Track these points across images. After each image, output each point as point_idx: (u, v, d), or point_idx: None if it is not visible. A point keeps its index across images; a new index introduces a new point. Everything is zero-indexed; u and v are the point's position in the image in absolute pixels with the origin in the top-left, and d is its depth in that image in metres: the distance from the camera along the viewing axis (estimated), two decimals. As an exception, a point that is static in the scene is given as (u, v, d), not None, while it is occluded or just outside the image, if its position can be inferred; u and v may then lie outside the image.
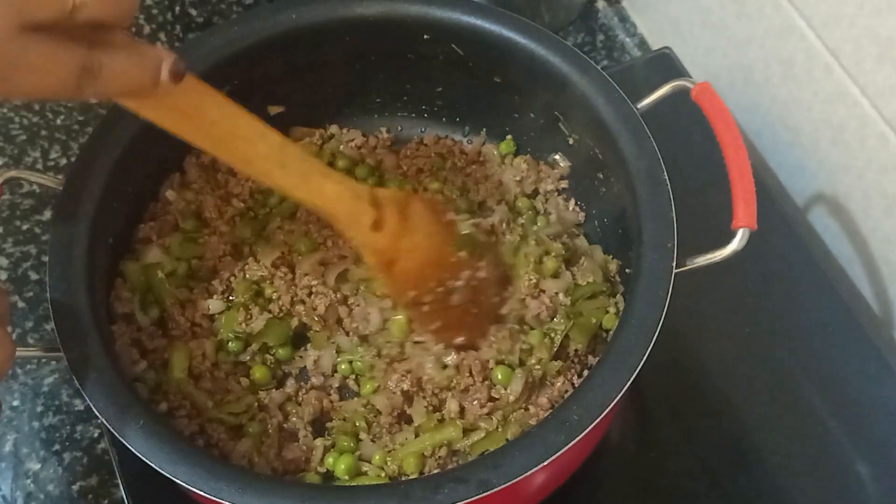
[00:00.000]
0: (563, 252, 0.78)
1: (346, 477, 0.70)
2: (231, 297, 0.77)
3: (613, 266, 0.78)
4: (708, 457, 0.80)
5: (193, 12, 1.10)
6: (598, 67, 0.75)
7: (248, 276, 0.77)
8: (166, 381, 0.72)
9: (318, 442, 0.72)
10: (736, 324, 0.87)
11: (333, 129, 0.87)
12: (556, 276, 0.76)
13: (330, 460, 0.70)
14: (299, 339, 0.77)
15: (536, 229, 0.80)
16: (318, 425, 0.74)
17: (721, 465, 0.80)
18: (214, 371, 0.74)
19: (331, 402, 0.74)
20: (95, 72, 0.47)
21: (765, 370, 0.84)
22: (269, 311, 0.75)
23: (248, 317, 0.75)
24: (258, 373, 0.74)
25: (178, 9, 1.10)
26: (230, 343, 0.75)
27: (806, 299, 0.87)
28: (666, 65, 0.99)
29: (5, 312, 0.61)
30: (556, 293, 0.75)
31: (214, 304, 0.76)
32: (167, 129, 0.56)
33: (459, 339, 0.72)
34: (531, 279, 0.75)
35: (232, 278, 0.77)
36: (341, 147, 0.85)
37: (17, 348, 0.60)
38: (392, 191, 0.67)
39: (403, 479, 0.69)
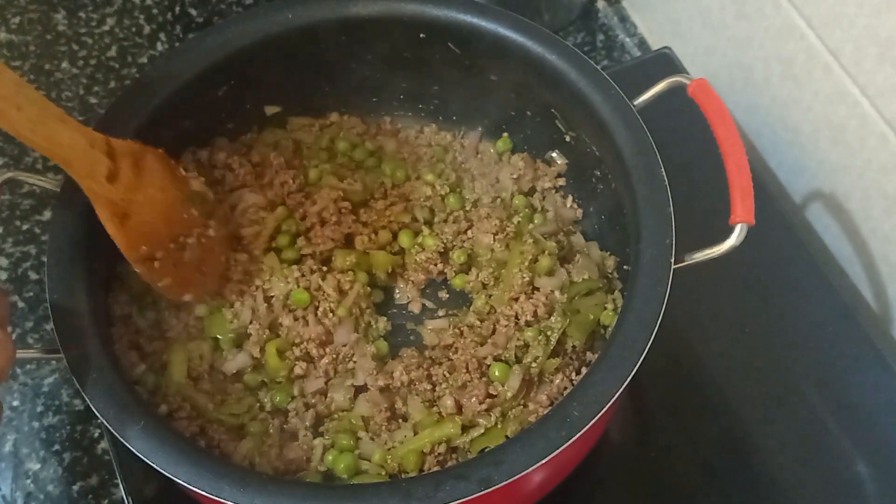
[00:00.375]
0: (558, 250, 0.78)
1: (346, 476, 0.70)
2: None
3: (611, 262, 0.78)
4: (708, 455, 0.80)
5: (193, 12, 1.10)
6: (595, 65, 0.75)
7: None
8: (165, 384, 0.72)
9: (318, 441, 0.72)
10: (736, 323, 0.87)
11: (334, 116, 0.87)
12: (550, 273, 0.76)
13: (329, 458, 0.70)
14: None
15: (532, 227, 0.80)
16: (317, 424, 0.74)
17: (721, 464, 0.80)
18: (213, 372, 0.74)
19: (326, 406, 0.74)
20: None
21: (764, 369, 0.84)
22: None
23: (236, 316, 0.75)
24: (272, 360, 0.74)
25: (178, 9, 1.10)
26: (223, 345, 0.75)
27: (805, 299, 0.87)
28: (666, 64, 0.99)
29: (5, 313, 0.61)
30: (552, 290, 0.75)
31: (201, 308, 0.76)
32: None
33: (188, 296, 0.73)
34: (524, 277, 0.75)
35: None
36: (342, 134, 0.86)
37: (18, 350, 0.60)
38: (128, 143, 0.67)
39: (404, 476, 0.69)
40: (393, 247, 0.81)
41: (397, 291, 0.82)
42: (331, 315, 0.75)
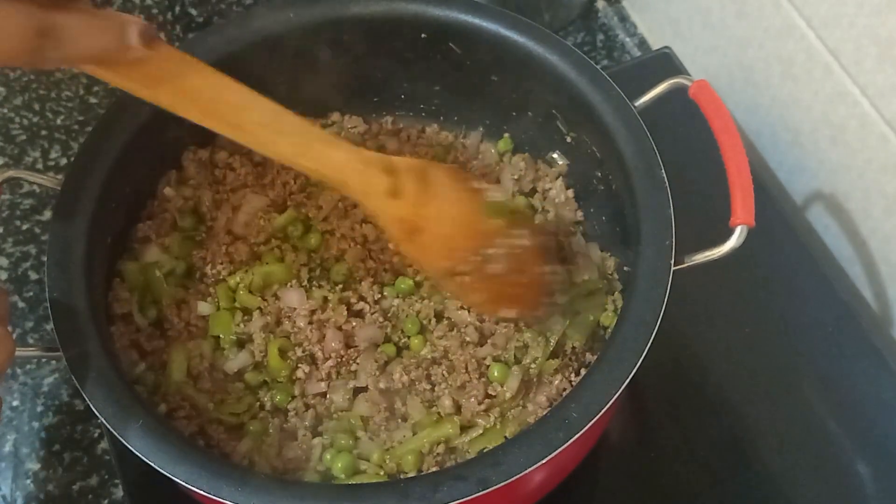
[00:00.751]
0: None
1: (344, 475, 0.70)
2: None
3: (611, 264, 0.78)
4: (707, 456, 0.80)
5: (193, 12, 1.10)
6: (596, 66, 0.75)
7: (228, 280, 0.77)
8: (165, 383, 0.72)
9: (317, 441, 0.72)
10: (736, 324, 0.87)
11: (335, 116, 0.87)
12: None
13: (328, 457, 0.70)
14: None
15: (531, 229, 0.80)
16: (316, 424, 0.74)
17: (721, 465, 0.80)
18: (213, 371, 0.74)
19: (325, 408, 0.74)
20: (56, 35, 0.46)
21: (764, 370, 0.84)
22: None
23: (247, 318, 0.75)
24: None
25: (178, 9, 1.10)
26: (224, 345, 0.75)
27: (806, 299, 0.87)
28: (666, 65, 0.99)
29: (5, 312, 0.61)
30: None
31: (203, 307, 0.76)
32: (148, 99, 0.55)
33: (511, 313, 0.70)
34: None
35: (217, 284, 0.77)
36: (343, 134, 0.86)
37: (17, 348, 0.60)
38: (408, 159, 0.65)
39: (402, 477, 0.69)
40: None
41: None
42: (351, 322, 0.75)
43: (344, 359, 0.74)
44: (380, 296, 0.77)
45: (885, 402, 0.82)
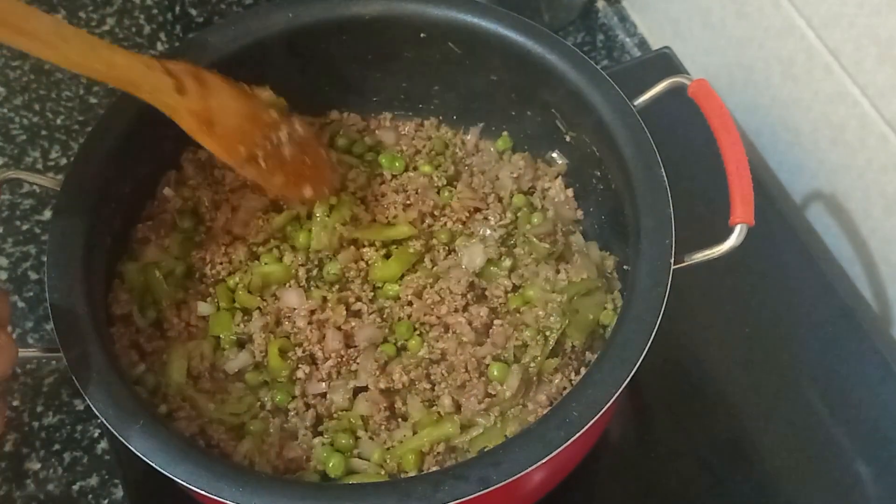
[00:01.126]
0: (548, 253, 0.78)
1: (336, 475, 0.69)
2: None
3: (610, 262, 0.78)
4: (707, 456, 0.80)
5: (193, 12, 1.10)
6: (595, 65, 0.75)
7: (227, 280, 0.77)
8: (165, 384, 0.72)
9: (318, 441, 0.72)
10: (736, 324, 0.87)
11: (334, 114, 0.87)
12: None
13: (324, 455, 0.70)
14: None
15: (529, 228, 0.80)
16: (316, 424, 0.74)
17: (721, 465, 0.80)
18: (213, 372, 0.74)
19: (326, 408, 0.74)
20: None
21: (764, 369, 0.84)
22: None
23: (247, 318, 0.75)
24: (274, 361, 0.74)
25: (178, 9, 1.10)
26: (224, 345, 0.75)
27: (806, 299, 0.87)
28: (666, 64, 0.99)
29: (6, 315, 0.61)
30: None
31: (203, 307, 0.76)
32: None
33: (308, 192, 0.76)
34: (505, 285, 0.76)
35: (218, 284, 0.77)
36: (341, 131, 0.86)
37: (19, 349, 0.60)
38: (181, 63, 0.71)
39: (403, 476, 0.69)
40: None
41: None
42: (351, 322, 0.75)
43: (344, 359, 0.74)
44: (373, 294, 0.77)
45: (885, 402, 0.82)
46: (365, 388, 0.73)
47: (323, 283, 0.77)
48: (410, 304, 0.76)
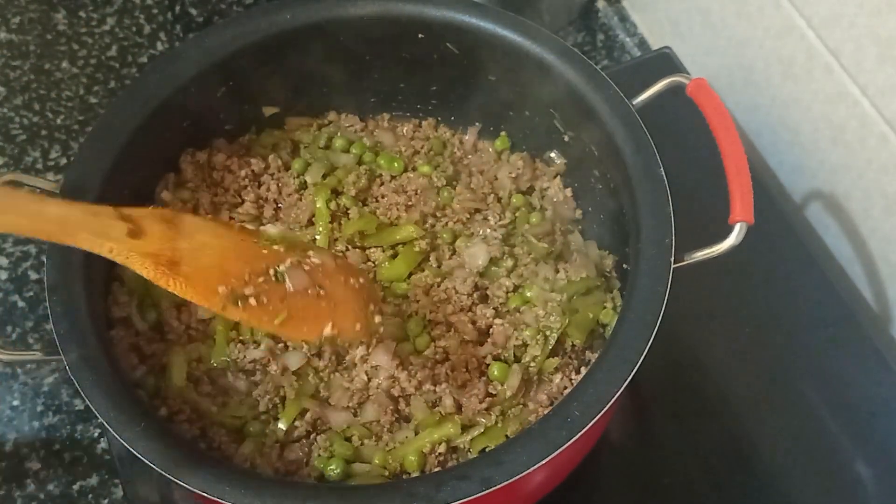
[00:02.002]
0: (547, 252, 0.78)
1: (340, 475, 0.69)
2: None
3: (609, 261, 0.78)
4: (707, 456, 0.80)
5: (193, 12, 1.10)
6: (594, 64, 0.75)
7: None
8: (165, 387, 0.72)
9: (319, 442, 0.71)
10: (736, 323, 0.87)
11: (331, 115, 0.87)
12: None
13: (324, 456, 0.70)
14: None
15: (527, 228, 0.80)
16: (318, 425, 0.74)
17: (721, 465, 0.80)
18: (213, 374, 0.74)
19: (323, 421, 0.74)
20: None
21: (765, 369, 0.84)
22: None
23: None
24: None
25: (178, 9, 1.10)
26: (227, 346, 0.75)
27: (805, 299, 0.88)
28: (666, 64, 0.99)
29: None
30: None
31: (203, 310, 0.75)
32: None
33: (328, 331, 0.66)
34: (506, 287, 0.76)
35: None
36: (339, 132, 0.86)
37: (18, 351, 0.59)
38: (149, 209, 0.64)
39: (405, 477, 0.69)
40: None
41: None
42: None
43: (346, 359, 0.74)
44: (382, 294, 0.77)
45: (885, 402, 0.82)
46: (371, 392, 0.73)
47: None
48: (418, 301, 0.76)
